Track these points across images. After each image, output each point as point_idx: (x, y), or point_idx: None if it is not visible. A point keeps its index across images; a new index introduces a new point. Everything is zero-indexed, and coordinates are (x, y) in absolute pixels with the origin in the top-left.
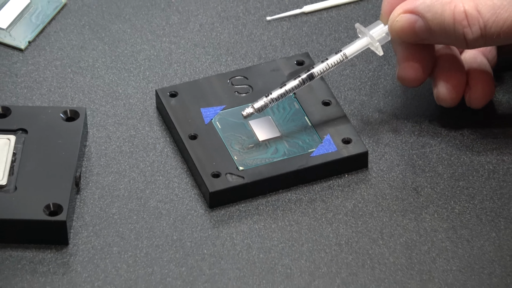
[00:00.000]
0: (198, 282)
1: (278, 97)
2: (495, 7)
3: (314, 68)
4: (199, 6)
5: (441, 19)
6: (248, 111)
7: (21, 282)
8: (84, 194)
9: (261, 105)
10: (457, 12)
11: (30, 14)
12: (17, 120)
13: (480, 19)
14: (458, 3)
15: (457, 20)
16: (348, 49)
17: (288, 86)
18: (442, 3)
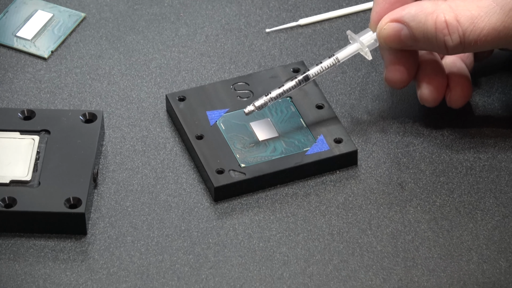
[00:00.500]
0: (204, 268)
1: (276, 96)
2: (473, 17)
3: (309, 71)
4: (205, 19)
5: (424, 28)
6: (250, 108)
7: (44, 268)
8: (101, 188)
9: (261, 104)
10: (439, 21)
11: (53, 27)
12: (41, 122)
13: (460, 28)
14: (440, 14)
15: (438, 29)
16: (340, 54)
17: (286, 87)
18: (426, 13)
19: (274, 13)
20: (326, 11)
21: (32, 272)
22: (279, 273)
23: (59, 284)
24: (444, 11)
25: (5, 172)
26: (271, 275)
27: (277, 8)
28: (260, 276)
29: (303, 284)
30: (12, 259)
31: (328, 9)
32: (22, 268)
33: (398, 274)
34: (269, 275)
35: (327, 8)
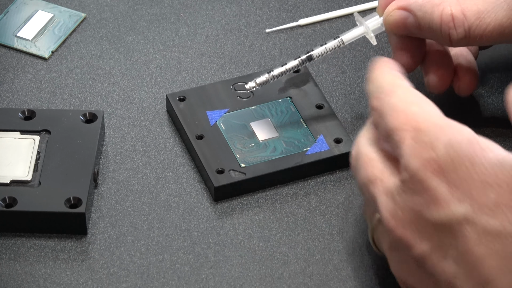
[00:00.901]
0: (204, 268)
1: (278, 74)
2: (479, 12)
3: (313, 51)
4: (205, 19)
5: (430, 19)
6: (251, 84)
7: (44, 268)
8: (101, 188)
9: (263, 80)
10: (445, 14)
11: (53, 27)
12: (41, 122)
13: (466, 22)
14: (447, 6)
15: (444, 21)
16: (345, 36)
17: (289, 65)
18: (432, 5)
19: (274, 13)
20: (326, 11)
21: (33, 272)
22: (279, 273)
23: (59, 284)
24: (451, 4)
25: (6, 172)
26: (271, 275)
27: (277, 8)
28: (260, 276)
29: (303, 284)
30: (12, 259)
31: (328, 9)
32: (23, 267)
33: None
34: (269, 275)
35: (327, 8)
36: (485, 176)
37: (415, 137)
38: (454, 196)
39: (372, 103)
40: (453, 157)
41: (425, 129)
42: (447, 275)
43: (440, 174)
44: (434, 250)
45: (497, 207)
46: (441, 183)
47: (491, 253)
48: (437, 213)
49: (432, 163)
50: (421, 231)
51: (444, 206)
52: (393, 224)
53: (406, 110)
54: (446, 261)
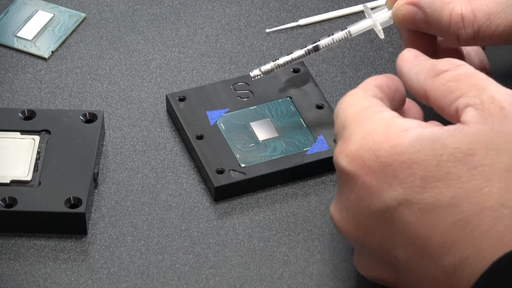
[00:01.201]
0: (204, 268)
1: (284, 63)
2: (490, 13)
3: (320, 41)
4: (205, 19)
5: (439, 17)
6: (256, 72)
7: (44, 268)
8: (102, 188)
9: (268, 69)
10: (454, 13)
11: (53, 27)
12: (41, 122)
13: (475, 23)
14: (457, 5)
15: (453, 21)
16: (353, 27)
17: (294, 55)
18: (442, 2)
19: (274, 13)
20: (326, 11)
21: (33, 272)
22: (279, 273)
23: (59, 284)
24: (461, 3)
25: (6, 172)
26: (271, 275)
27: (277, 8)
28: (260, 276)
29: (303, 284)
30: (12, 259)
31: (328, 9)
32: (23, 267)
33: None
34: (269, 275)
35: (327, 8)
36: (407, 155)
37: (340, 136)
38: (383, 183)
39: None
40: (371, 145)
41: (347, 125)
42: (402, 261)
43: (364, 165)
44: (382, 241)
45: (426, 182)
46: (367, 173)
47: (433, 229)
48: (372, 205)
49: (353, 156)
50: (364, 227)
51: (376, 196)
52: (340, 226)
53: (340, 113)
54: (396, 249)
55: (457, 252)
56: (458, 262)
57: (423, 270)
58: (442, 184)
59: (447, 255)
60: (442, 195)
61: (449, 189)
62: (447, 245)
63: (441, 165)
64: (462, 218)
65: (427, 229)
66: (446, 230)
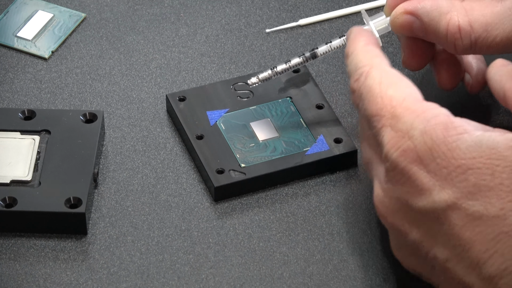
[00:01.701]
0: (204, 268)
1: (281, 71)
2: (487, 24)
3: (318, 49)
4: (205, 19)
5: (436, 27)
6: (253, 80)
7: (44, 268)
8: (102, 188)
9: (265, 77)
10: (452, 24)
11: (53, 27)
12: (41, 122)
13: (472, 34)
14: (454, 16)
15: (450, 32)
16: None
17: (292, 62)
18: (440, 12)
19: (274, 13)
20: (326, 11)
21: (33, 272)
22: (279, 273)
23: (59, 284)
24: (458, 14)
25: (6, 172)
26: (271, 275)
27: (277, 8)
28: (260, 276)
29: (303, 284)
30: (12, 259)
31: (328, 9)
32: (23, 267)
33: (398, 274)
34: (269, 275)
35: (327, 8)
36: (463, 160)
37: (392, 125)
38: (435, 184)
39: (351, 85)
40: (430, 145)
41: (401, 115)
42: (440, 260)
43: (420, 163)
44: (424, 237)
45: (478, 189)
46: (421, 172)
47: (477, 236)
48: (421, 202)
49: (410, 153)
50: (409, 219)
51: (427, 195)
52: (383, 212)
53: (382, 94)
54: (437, 247)
55: (496, 262)
56: (495, 272)
57: (459, 274)
58: (493, 194)
59: (486, 264)
60: (492, 205)
61: (499, 200)
62: (487, 254)
63: (495, 175)
64: (507, 231)
65: (471, 235)
66: (490, 239)
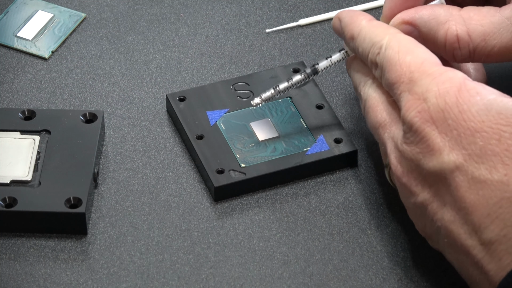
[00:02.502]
0: (204, 268)
1: (284, 89)
2: (485, 34)
3: (319, 64)
4: (205, 19)
5: (435, 37)
6: (257, 101)
7: (44, 268)
8: (102, 188)
9: (269, 96)
10: (450, 34)
11: (53, 27)
12: (41, 122)
13: (471, 44)
14: (452, 26)
15: (448, 41)
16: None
17: (294, 80)
18: (438, 22)
19: (274, 13)
20: (326, 11)
21: (33, 272)
22: (279, 273)
23: (59, 284)
24: (456, 24)
25: (6, 172)
26: (271, 275)
27: (277, 8)
28: (260, 276)
29: (303, 284)
30: (12, 259)
31: (328, 9)
32: (23, 267)
33: (398, 274)
34: (269, 275)
35: (327, 8)
36: (472, 122)
37: (410, 89)
38: (446, 145)
39: (372, 59)
40: (443, 107)
41: (417, 79)
42: (445, 222)
43: (432, 123)
44: (433, 197)
45: (484, 153)
46: (434, 132)
47: (480, 200)
48: (431, 162)
49: (424, 114)
50: (421, 180)
51: (437, 155)
52: (400, 171)
53: (400, 61)
54: (445, 208)
55: (496, 228)
56: (495, 237)
57: (461, 237)
58: (498, 159)
59: (487, 229)
60: (496, 169)
61: (504, 166)
62: (489, 219)
63: (502, 140)
64: (509, 197)
65: (475, 198)
66: (492, 204)
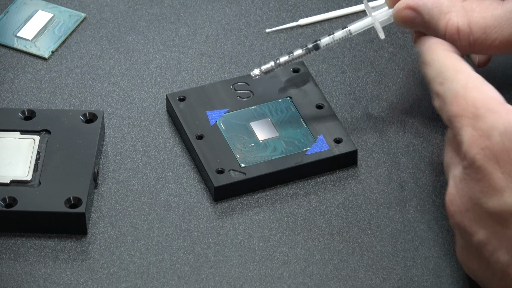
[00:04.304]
0: (204, 268)
1: (284, 62)
2: (486, 27)
3: (321, 40)
4: (205, 19)
5: (436, 26)
6: (256, 72)
7: (44, 268)
8: (101, 188)
9: (268, 68)
10: (450, 25)
11: (53, 27)
12: (41, 122)
13: (471, 36)
14: (453, 17)
15: (448, 32)
16: (353, 26)
17: (295, 54)
18: (440, 12)
19: (274, 13)
20: (326, 11)
21: (33, 272)
22: (279, 273)
23: (59, 284)
24: (458, 15)
25: (6, 172)
26: (271, 275)
27: (277, 8)
28: (260, 276)
29: (303, 283)
30: (12, 259)
31: (328, 9)
32: (23, 267)
33: (398, 274)
34: (269, 275)
35: (327, 8)
36: None
37: (473, 125)
38: (508, 186)
39: (435, 89)
40: (508, 146)
41: (483, 116)
42: (502, 264)
43: (496, 163)
44: (490, 239)
45: None
46: (497, 172)
47: None
48: (491, 202)
49: (488, 152)
50: (477, 220)
51: (499, 196)
52: (453, 210)
53: (466, 95)
54: (500, 251)
55: None
56: None
57: None
58: None
59: None
60: None
61: None
62: None
63: None
64: None
65: None
66: None
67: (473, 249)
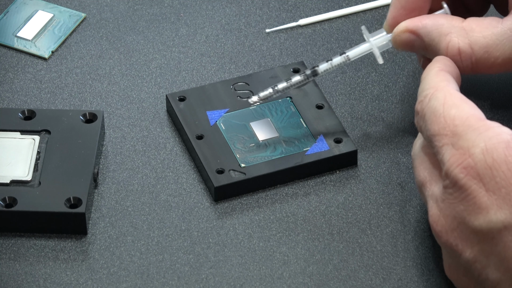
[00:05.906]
0: (204, 268)
1: (282, 89)
2: (488, 46)
3: (319, 67)
4: (205, 19)
5: (436, 48)
6: (254, 99)
7: (44, 268)
8: (101, 188)
9: (266, 95)
10: (451, 46)
11: (53, 27)
12: (41, 122)
13: (473, 56)
14: (454, 38)
15: (450, 53)
16: (351, 52)
17: (293, 81)
18: (440, 34)
19: (274, 13)
20: (326, 11)
21: (33, 272)
22: (279, 273)
23: (59, 284)
24: (458, 36)
25: (6, 172)
26: (271, 275)
27: (277, 8)
28: (260, 276)
29: (303, 283)
30: (12, 259)
31: (328, 9)
32: (23, 267)
33: (398, 274)
34: (269, 275)
35: (327, 8)
36: None
37: (454, 143)
38: (493, 204)
39: (415, 107)
40: (490, 164)
41: (462, 133)
42: (491, 282)
43: (479, 181)
44: (478, 257)
45: None
46: (480, 190)
47: None
48: (477, 221)
49: (470, 170)
50: (463, 238)
51: (484, 214)
52: (438, 230)
53: (445, 114)
54: (489, 268)
55: None
56: None
57: None
58: None
59: None
60: None
61: None
62: None
63: None
64: None
65: None
66: None
67: (462, 267)
